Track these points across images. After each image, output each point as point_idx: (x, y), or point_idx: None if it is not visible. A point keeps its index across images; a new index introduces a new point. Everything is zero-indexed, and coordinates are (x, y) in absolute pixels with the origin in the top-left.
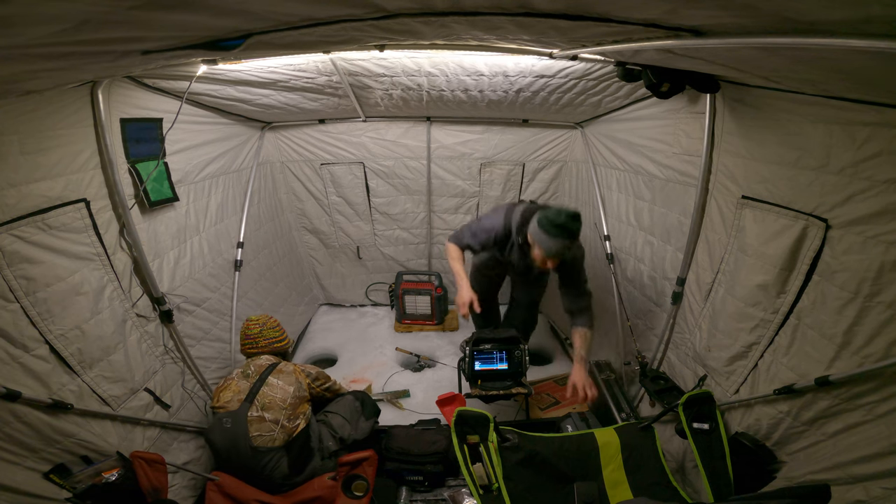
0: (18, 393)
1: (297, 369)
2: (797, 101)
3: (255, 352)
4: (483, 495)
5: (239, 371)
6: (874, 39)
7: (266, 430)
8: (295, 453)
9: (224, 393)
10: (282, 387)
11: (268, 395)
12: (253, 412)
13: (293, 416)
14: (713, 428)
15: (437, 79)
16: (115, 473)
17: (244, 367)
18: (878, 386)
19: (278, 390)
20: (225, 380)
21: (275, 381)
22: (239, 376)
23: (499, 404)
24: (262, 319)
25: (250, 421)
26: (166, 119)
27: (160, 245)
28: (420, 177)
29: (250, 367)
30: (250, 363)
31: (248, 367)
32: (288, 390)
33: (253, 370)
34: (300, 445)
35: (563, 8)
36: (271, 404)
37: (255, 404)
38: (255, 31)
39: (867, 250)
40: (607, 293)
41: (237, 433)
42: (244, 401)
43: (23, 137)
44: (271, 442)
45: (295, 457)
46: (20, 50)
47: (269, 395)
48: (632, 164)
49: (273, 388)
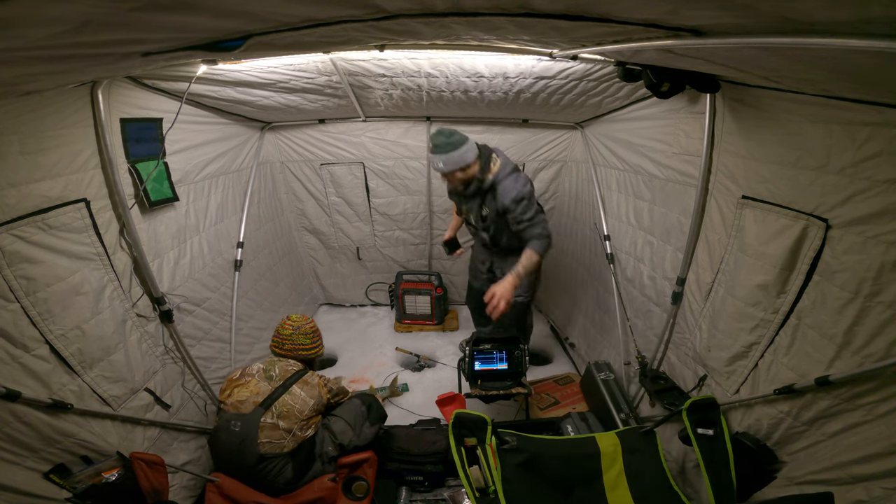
0: (18, 393)
1: (321, 383)
2: (797, 100)
3: (280, 353)
4: (479, 498)
5: (261, 368)
6: (874, 39)
7: (277, 437)
8: (300, 459)
9: (240, 390)
10: (303, 398)
11: (287, 403)
12: (267, 418)
13: (306, 426)
14: (717, 434)
15: (436, 80)
16: (115, 473)
17: (268, 365)
18: (879, 386)
19: (299, 401)
20: (242, 373)
21: (298, 391)
22: (260, 375)
23: (498, 404)
24: (299, 322)
25: (262, 427)
26: (166, 119)
27: (160, 245)
28: (420, 177)
29: (275, 368)
30: (275, 364)
31: (273, 369)
32: (308, 403)
33: (277, 373)
34: (306, 451)
35: (563, 8)
36: (289, 413)
37: (272, 411)
38: (256, 32)
39: (867, 250)
40: (607, 293)
41: (246, 438)
42: (260, 405)
43: (23, 137)
44: (280, 449)
45: (300, 462)
46: (22, 52)
47: (288, 404)
48: (632, 164)
49: (295, 397)
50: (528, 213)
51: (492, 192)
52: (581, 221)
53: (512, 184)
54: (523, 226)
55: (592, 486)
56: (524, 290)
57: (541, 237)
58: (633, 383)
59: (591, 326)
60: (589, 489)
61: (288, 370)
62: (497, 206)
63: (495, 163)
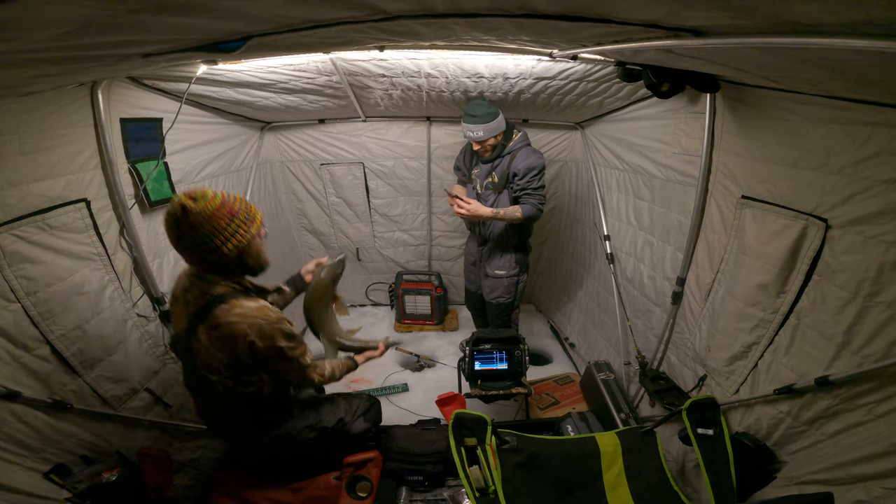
0: (18, 393)
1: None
2: (797, 100)
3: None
4: (479, 498)
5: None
6: (874, 39)
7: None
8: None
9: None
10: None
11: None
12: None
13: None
14: (717, 434)
15: (436, 80)
16: (115, 473)
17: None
18: (878, 386)
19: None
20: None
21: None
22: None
23: (498, 404)
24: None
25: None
26: (166, 119)
27: (160, 245)
28: (420, 177)
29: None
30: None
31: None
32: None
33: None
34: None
35: (563, 9)
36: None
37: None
38: (256, 33)
39: (867, 250)
40: (607, 293)
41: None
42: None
43: (23, 137)
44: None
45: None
46: (23, 55)
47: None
48: (632, 164)
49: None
50: (533, 183)
51: (508, 158)
52: (581, 221)
53: (530, 153)
54: (526, 192)
55: (592, 486)
56: (506, 292)
57: (533, 206)
58: (633, 383)
59: (591, 326)
60: (589, 489)
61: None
62: (509, 172)
63: (517, 134)
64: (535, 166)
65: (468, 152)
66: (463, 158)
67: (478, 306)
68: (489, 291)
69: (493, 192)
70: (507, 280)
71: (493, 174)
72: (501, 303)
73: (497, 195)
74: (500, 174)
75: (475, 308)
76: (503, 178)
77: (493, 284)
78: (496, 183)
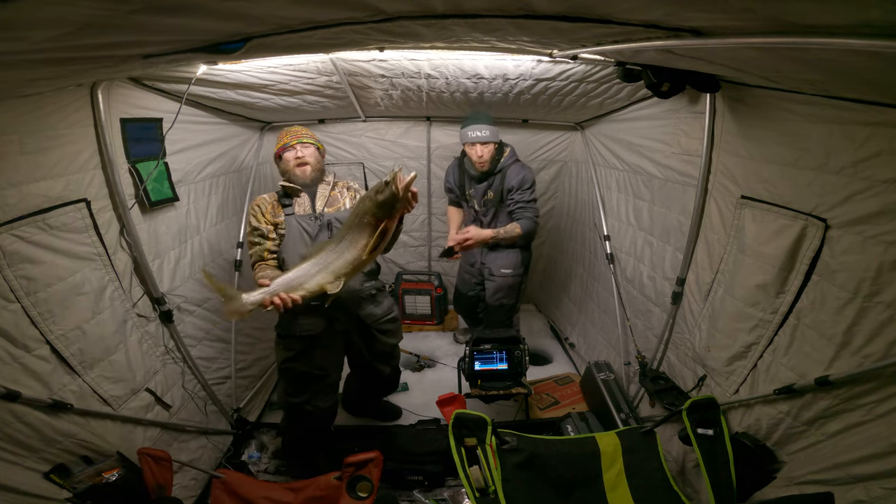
0: (18, 393)
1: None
2: (797, 100)
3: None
4: (479, 498)
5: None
6: (874, 39)
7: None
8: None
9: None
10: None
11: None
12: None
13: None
14: (717, 434)
15: (436, 81)
16: (115, 473)
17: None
18: (878, 386)
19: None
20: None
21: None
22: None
23: (498, 404)
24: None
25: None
26: (166, 119)
27: (160, 245)
28: (420, 177)
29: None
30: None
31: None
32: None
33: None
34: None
35: (563, 10)
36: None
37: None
38: (256, 34)
39: (866, 250)
40: (607, 293)
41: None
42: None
43: (23, 137)
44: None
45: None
46: (23, 56)
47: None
48: (631, 164)
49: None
50: (526, 196)
51: (500, 175)
52: (581, 221)
53: (521, 168)
54: (520, 206)
55: (592, 486)
56: (509, 293)
57: (530, 220)
58: (633, 383)
59: (591, 326)
60: (589, 489)
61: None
62: (504, 187)
63: (506, 149)
64: (528, 179)
65: (458, 173)
66: (454, 179)
67: (470, 309)
68: (493, 293)
69: (491, 207)
70: (513, 279)
71: (488, 192)
72: (504, 304)
73: (495, 210)
74: (496, 191)
75: (466, 311)
76: (498, 193)
77: (498, 285)
78: (493, 199)
